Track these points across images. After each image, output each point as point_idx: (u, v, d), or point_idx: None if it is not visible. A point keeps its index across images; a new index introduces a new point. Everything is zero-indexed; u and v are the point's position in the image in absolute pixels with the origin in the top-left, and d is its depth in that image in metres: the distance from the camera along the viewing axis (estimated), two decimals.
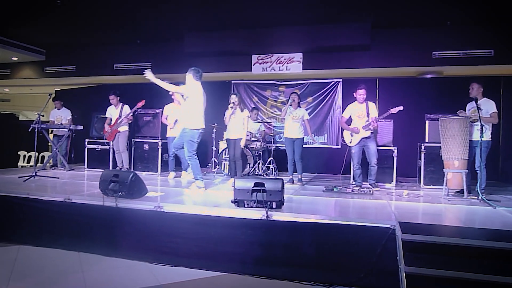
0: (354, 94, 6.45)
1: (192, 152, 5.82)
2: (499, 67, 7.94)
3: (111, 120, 8.00)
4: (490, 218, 4.49)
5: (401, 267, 3.31)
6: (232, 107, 6.64)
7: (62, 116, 8.90)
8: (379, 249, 3.78)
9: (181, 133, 5.96)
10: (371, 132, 6.36)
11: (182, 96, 6.11)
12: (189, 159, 5.87)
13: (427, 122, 7.11)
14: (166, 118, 7.81)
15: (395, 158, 7.08)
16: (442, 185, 5.80)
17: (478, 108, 5.56)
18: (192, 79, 5.86)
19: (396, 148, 7.12)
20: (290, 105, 7.06)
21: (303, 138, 7.14)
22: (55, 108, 9.08)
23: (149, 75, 5.45)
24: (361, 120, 6.38)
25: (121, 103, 7.97)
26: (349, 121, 6.56)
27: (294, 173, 7.14)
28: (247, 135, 7.41)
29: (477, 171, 5.60)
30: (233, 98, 6.69)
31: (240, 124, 6.66)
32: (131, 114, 7.82)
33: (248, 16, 7.88)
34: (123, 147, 7.84)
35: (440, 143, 5.83)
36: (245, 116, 6.72)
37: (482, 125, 5.37)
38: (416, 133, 7.59)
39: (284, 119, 7.15)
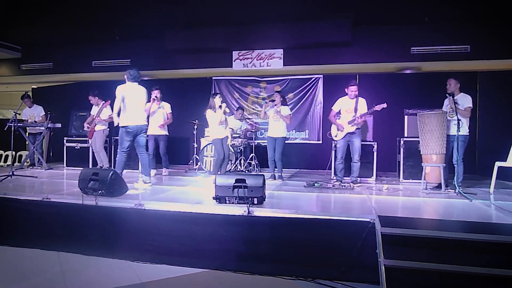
0: (346, 89, 6.46)
1: (121, 148, 5.97)
2: (475, 62, 8.10)
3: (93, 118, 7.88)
4: (467, 211, 4.59)
5: (381, 260, 3.36)
6: (224, 109, 6.57)
7: (34, 113, 8.72)
8: (360, 243, 3.83)
9: None
10: (357, 128, 6.41)
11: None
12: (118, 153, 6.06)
13: (406, 117, 7.22)
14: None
15: (375, 153, 7.14)
16: (421, 179, 5.90)
17: (455, 103, 5.67)
18: (126, 80, 6.07)
19: (376, 143, 7.19)
20: (272, 104, 7.07)
21: (285, 136, 7.17)
22: (26, 106, 8.87)
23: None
24: (349, 115, 6.42)
25: (103, 102, 7.80)
26: (339, 114, 6.60)
27: (275, 169, 7.18)
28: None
29: (455, 165, 5.71)
30: (219, 99, 6.58)
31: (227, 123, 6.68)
32: (105, 115, 7.66)
33: (228, 12, 7.84)
34: (99, 146, 7.64)
35: (418, 137, 5.93)
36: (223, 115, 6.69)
37: (459, 120, 5.48)
38: (395, 128, 7.71)
39: (268, 117, 7.15)
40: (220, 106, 6.47)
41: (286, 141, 7.23)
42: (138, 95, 6.03)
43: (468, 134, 5.83)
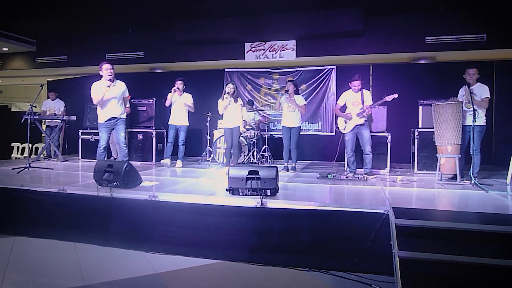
0: (350, 84, 6.44)
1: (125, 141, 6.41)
2: (492, 51, 7.95)
3: None
4: (483, 202, 4.53)
5: (395, 251, 3.34)
6: (227, 98, 6.62)
7: (55, 107, 8.90)
8: (373, 234, 3.82)
9: None
10: (365, 120, 6.37)
11: None
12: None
13: (420, 107, 7.12)
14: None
15: (389, 144, 7.09)
16: (436, 170, 5.83)
17: (472, 93, 5.57)
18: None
19: (389, 134, 7.13)
20: (286, 93, 7.04)
21: (300, 126, 7.16)
22: (48, 98, 9.06)
23: None
24: (356, 108, 6.37)
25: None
26: (344, 108, 6.56)
27: (289, 160, 7.17)
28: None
29: (471, 156, 5.63)
30: (230, 87, 6.69)
31: (237, 113, 6.68)
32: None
33: (240, 3, 7.80)
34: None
35: (433, 128, 5.86)
36: (238, 105, 6.75)
37: (475, 110, 5.39)
38: (409, 119, 7.61)
39: (281, 108, 7.15)
40: (229, 93, 6.69)
41: (300, 133, 7.21)
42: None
43: (484, 124, 5.74)
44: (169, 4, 7.88)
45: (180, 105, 7.56)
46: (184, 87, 7.61)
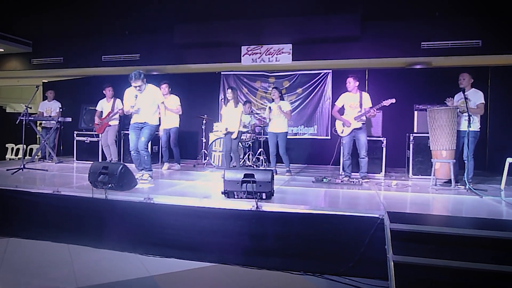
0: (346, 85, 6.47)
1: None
2: (487, 57, 8.00)
3: (101, 113, 7.95)
4: (477, 207, 4.55)
5: (389, 256, 3.34)
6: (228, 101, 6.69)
7: (51, 108, 8.87)
8: (368, 238, 3.83)
9: None
10: (363, 123, 6.37)
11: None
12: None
13: (415, 112, 7.16)
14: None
15: (384, 149, 7.10)
16: (430, 175, 5.86)
17: (466, 99, 5.61)
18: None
19: (385, 138, 7.14)
20: (272, 101, 7.10)
21: (287, 132, 7.18)
22: (45, 99, 9.03)
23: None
24: (353, 111, 6.36)
25: (113, 97, 7.92)
26: (342, 110, 6.54)
27: (277, 164, 7.23)
28: None
29: (465, 161, 5.66)
30: (229, 93, 6.78)
31: (235, 118, 6.68)
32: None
33: (237, 7, 7.82)
34: (111, 140, 7.83)
35: (428, 133, 5.88)
36: (239, 111, 6.74)
37: (469, 116, 5.42)
38: (405, 124, 7.64)
39: (270, 118, 7.20)
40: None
41: (295, 136, 7.23)
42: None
43: (479, 130, 5.78)
44: (166, 7, 7.88)
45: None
46: (170, 89, 7.64)
